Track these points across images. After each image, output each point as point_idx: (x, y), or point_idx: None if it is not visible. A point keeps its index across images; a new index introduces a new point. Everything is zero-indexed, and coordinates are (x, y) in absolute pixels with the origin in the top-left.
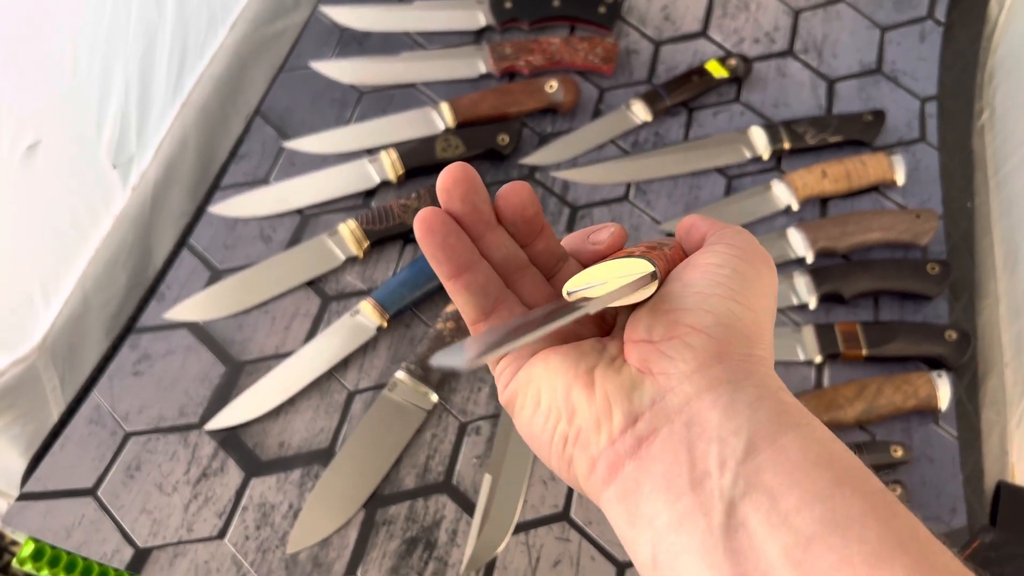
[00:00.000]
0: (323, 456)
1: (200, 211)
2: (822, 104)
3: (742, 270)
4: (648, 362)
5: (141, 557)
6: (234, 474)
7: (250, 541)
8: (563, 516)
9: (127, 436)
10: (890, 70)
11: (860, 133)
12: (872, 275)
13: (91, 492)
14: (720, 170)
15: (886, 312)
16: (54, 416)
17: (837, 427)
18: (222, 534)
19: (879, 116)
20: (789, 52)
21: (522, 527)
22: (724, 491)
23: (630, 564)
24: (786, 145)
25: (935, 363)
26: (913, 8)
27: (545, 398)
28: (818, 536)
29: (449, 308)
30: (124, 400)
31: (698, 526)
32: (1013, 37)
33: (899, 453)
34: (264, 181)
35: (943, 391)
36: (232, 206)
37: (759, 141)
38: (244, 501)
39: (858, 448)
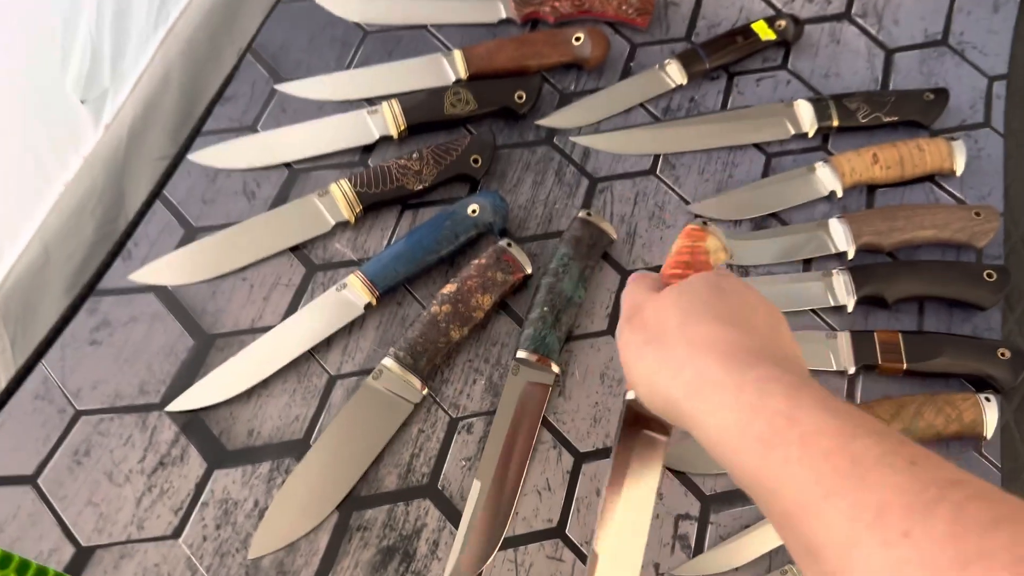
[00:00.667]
0: (296, 448)
1: (179, 158)
2: (877, 77)
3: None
4: None
5: (82, 557)
6: (195, 464)
7: (208, 543)
8: (557, 532)
9: (77, 415)
10: (957, 42)
11: (918, 113)
12: (921, 278)
13: (31, 480)
14: (759, 146)
15: (931, 321)
16: (0, 382)
17: None
18: (177, 533)
19: (941, 95)
20: (846, 15)
21: (511, 542)
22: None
23: None
24: (835, 122)
25: (982, 383)
26: None
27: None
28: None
29: (446, 289)
30: (77, 373)
31: None
32: None
33: None
34: (252, 128)
35: (990, 417)
36: (214, 155)
37: (805, 116)
38: (204, 496)
39: None
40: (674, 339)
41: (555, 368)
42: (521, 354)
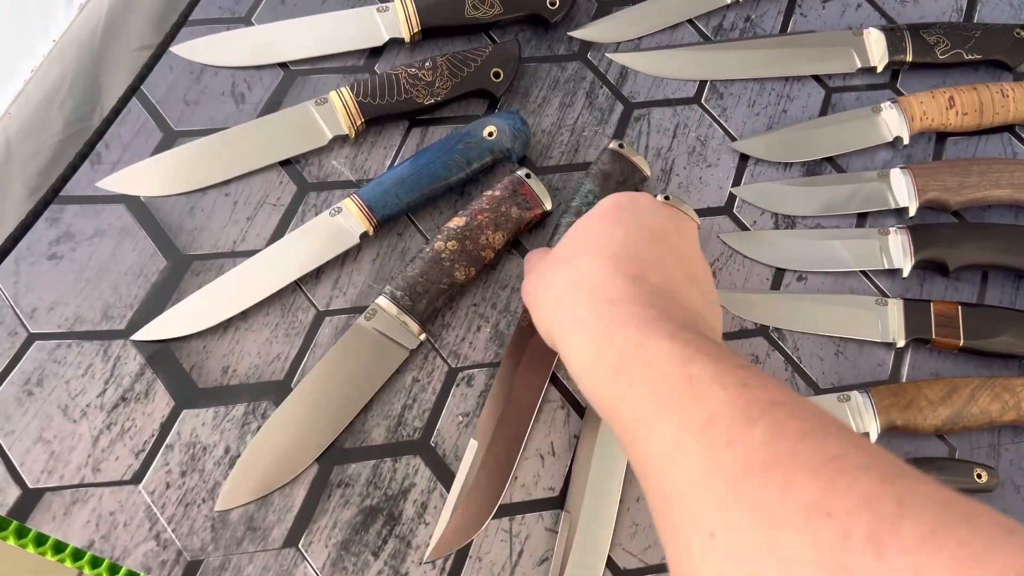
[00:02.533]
0: (276, 390)
1: (161, 50)
2: (962, 7)
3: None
4: None
5: (29, 501)
6: (161, 402)
7: (171, 490)
8: (558, 503)
9: (31, 338)
10: None
11: (1006, 53)
12: (988, 244)
13: None
14: (820, 79)
15: (994, 293)
16: None
17: (912, 432)
18: (137, 479)
19: None
20: None
21: (506, 510)
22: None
23: (632, 571)
24: (908, 57)
25: None
26: None
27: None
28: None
29: (453, 223)
30: (32, 291)
31: None
32: None
33: (983, 479)
34: (245, 20)
35: None
36: (201, 48)
37: (875, 47)
38: (170, 438)
39: (923, 464)
40: (558, 275)
41: None
42: None
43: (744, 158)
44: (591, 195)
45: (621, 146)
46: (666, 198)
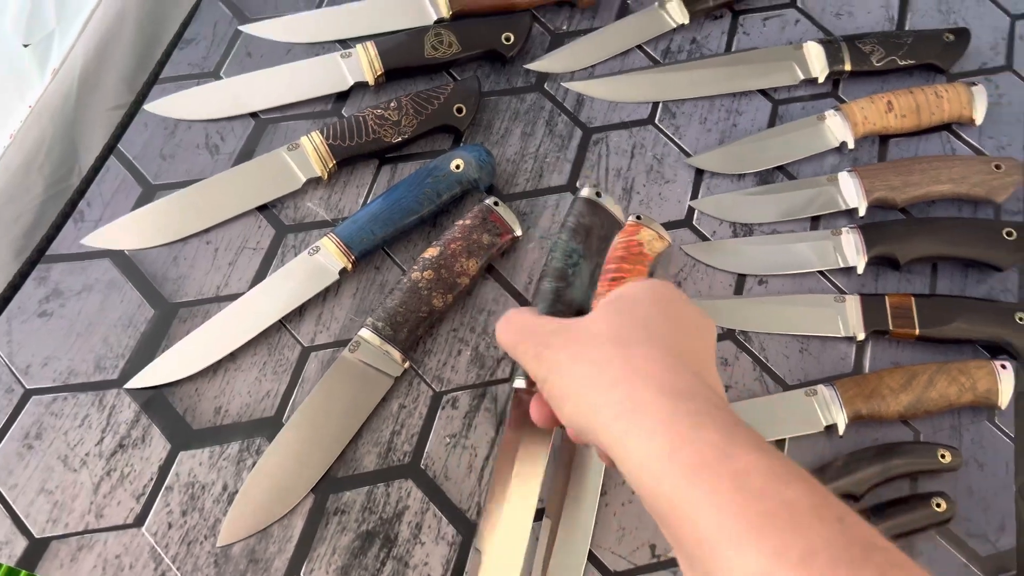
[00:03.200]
0: (268, 427)
1: (135, 108)
2: (893, 17)
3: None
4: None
5: (36, 550)
6: (158, 446)
7: (173, 530)
8: (541, 514)
9: (27, 394)
10: None
11: (936, 56)
12: (935, 237)
13: None
14: (766, 92)
15: (945, 283)
16: None
17: (878, 420)
18: (140, 521)
19: (962, 36)
20: None
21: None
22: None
23: (622, 572)
24: (847, 66)
25: (997, 349)
26: None
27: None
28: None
29: (428, 253)
30: (26, 348)
31: None
32: None
33: (947, 459)
34: (214, 74)
35: (1006, 385)
36: (173, 104)
37: (815, 59)
38: (169, 480)
39: (889, 449)
40: (607, 357)
41: None
42: (519, 383)
43: (700, 172)
44: (575, 255)
45: (598, 194)
46: (637, 218)
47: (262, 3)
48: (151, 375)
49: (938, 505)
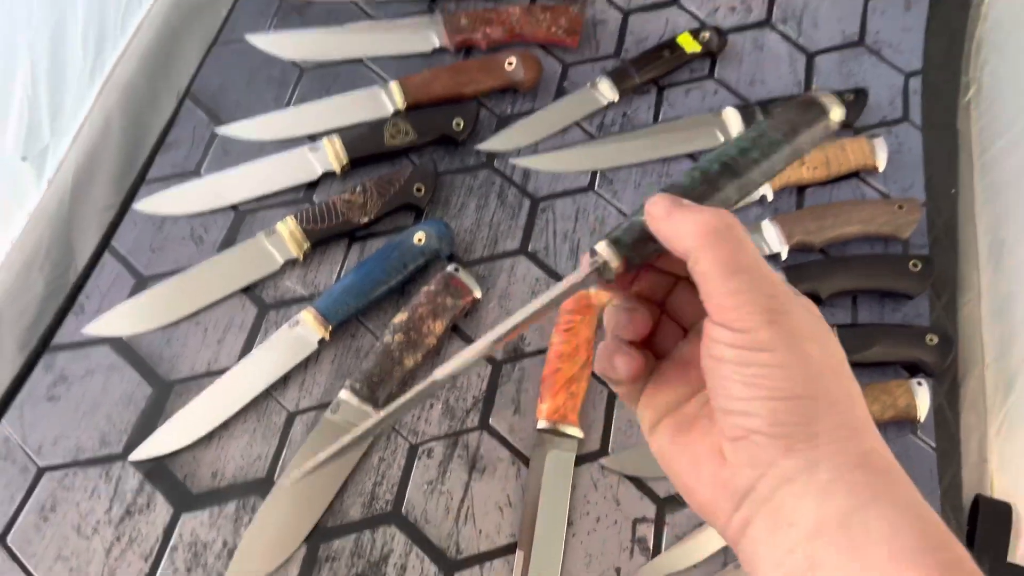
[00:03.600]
0: (261, 486)
1: (125, 208)
2: (800, 80)
3: (770, 367)
4: (734, 458)
5: None
6: (162, 510)
7: None
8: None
9: (40, 472)
10: (873, 42)
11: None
12: (852, 273)
13: None
14: (692, 156)
15: (864, 312)
16: None
17: None
18: None
19: (861, 95)
20: (766, 22)
21: (479, 558)
22: (797, 569)
23: None
24: None
25: (914, 368)
26: None
27: (671, 476)
28: None
29: (397, 319)
30: (37, 430)
31: None
32: (1005, 4)
33: None
34: (195, 173)
35: (922, 400)
36: (159, 202)
37: (733, 123)
38: (173, 540)
39: None
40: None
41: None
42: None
43: None
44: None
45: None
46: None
47: (235, 107)
48: (152, 447)
49: None
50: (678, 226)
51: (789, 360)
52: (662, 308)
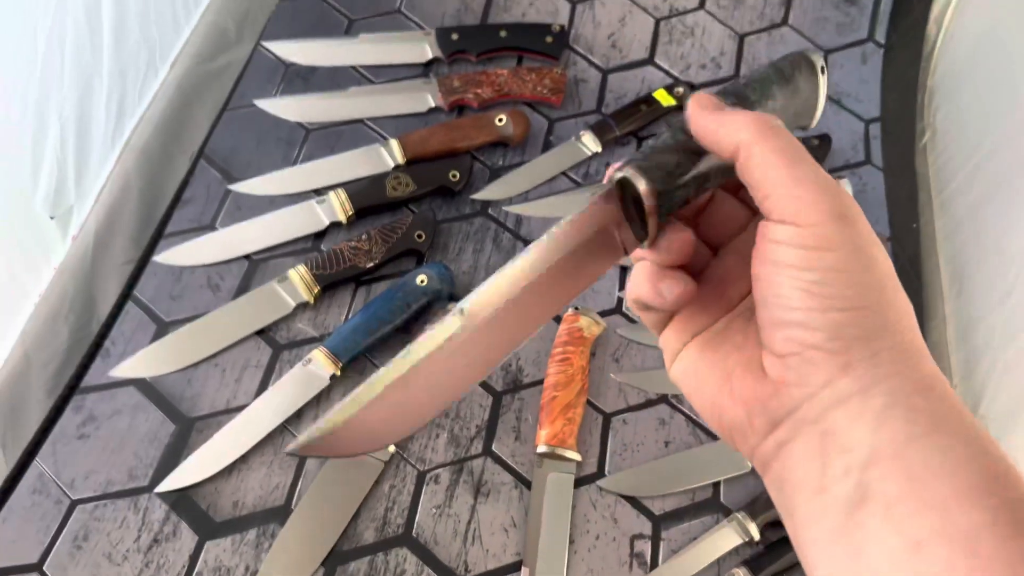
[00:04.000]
0: (279, 514)
1: (145, 260)
2: None
3: (835, 271)
4: (780, 375)
5: None
6: (187, 538)
7: None
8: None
9: (73, 504)
10: (834, 93)
11: None
12: None
13: (37, 567)
14: None
15: None
16: None
17: None
18: None
19: (825, 140)
20: (735, 77)
21: None
22: (846, 496)
23: None
24: None
25: None
26: (854, 31)
27: (697, 397)
28: (927, 543)
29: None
30: (69, 466)
31: (823, 525)
32: (952, 57)
33: None
34: (210, 227)
35: None
36: (177, 254)
37: None
38: (198, 566)
39: None
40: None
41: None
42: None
43: (624, 268)
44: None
45: (823, 69)
46: (575, 308)
47: (246, 166)
48: (176, 479)
49: None
50: (728, 120)
51: (855, 264)
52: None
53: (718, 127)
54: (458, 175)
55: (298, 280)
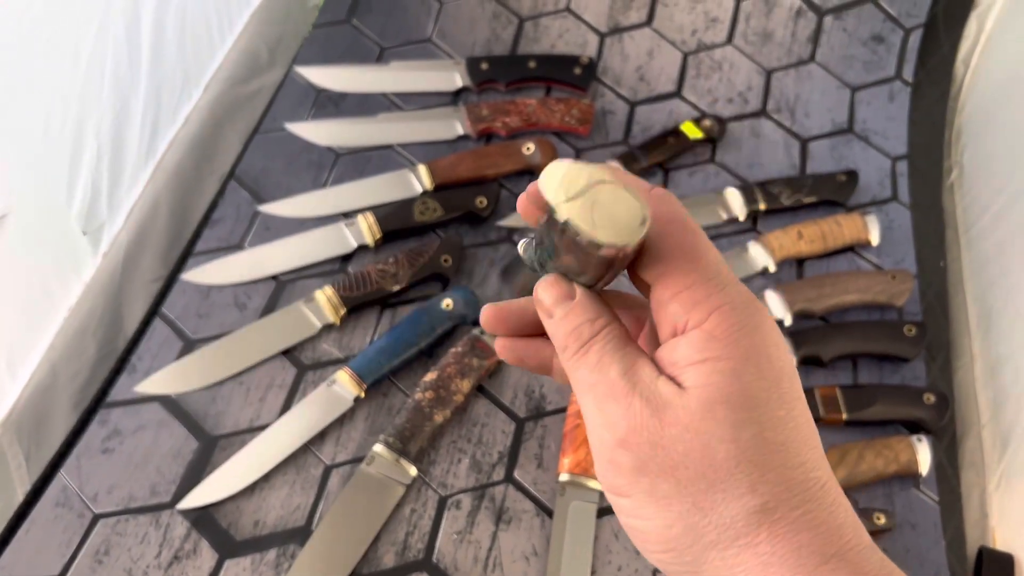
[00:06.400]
0: (299, 535)
1: (173, 278)
2: (796, 164)
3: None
4: None
5: None
6: (207, 556)
7: None
8: None
9: (96, 518)
10: (861, 129)
11: (834, 193)
12: (850, 338)
13: None
14: None
15: (865, 374)
16: (19, 496)
17: None
18: None
19: (852, 176)
20: (762, 112)
21: None
22: None
23: None
24: (762, 206)
25: (915, 426)
26: (882, 69)
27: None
28: None
29: (428, 377)
30: (93, 480)
31: None
32: (979, 96)
33: (882, 520)
34: (239, 247)
35: (923, 455)
36: (206, 273)
37: (735, 202)
38: None
39: None
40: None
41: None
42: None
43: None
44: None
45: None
46: None
47: (275, 187)
48: (198, 496)
49: None
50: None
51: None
52: None
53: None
54: (485, 201)
55: (324, 301)
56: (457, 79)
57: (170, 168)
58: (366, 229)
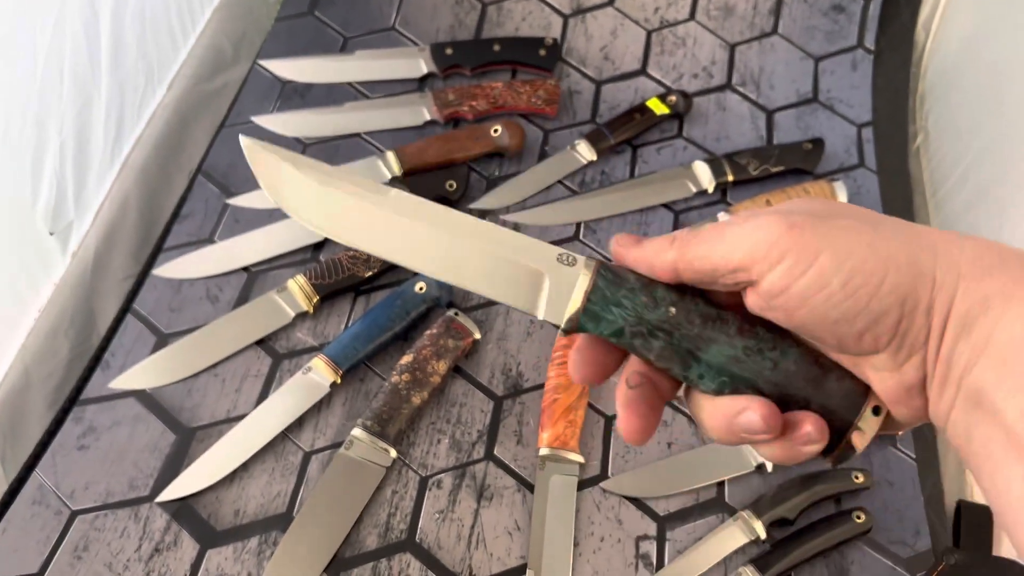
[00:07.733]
0: (281, 521)
1: (144, 274)
2: (762, 135)
3: (823, 278)
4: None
5: None
6: (188, 547)
7: None
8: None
9: (73, 515)
10: (825, 99)
11: (801, 162)
12: None
13: None
14: (667, 205)
15: None
16: None
17: None
18: None
19: (818, 144)
20: (727, 86)
21: None
22: None
23: None
24: (730, 177)
25: None
26: (843, 38)
27: None
28: None
29: (404, 360)
30: (69, 477)
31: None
32: (941, 62)
33: (860, 479)
34: (209, 240)
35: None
36: (177, 267)
37: (703, 175)
38: (200, 575)
39: (812, 478)
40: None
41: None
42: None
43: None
44: None
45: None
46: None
47: (244, 180)
48: (177, 488)
49: (858, 517)
50: (650, 248)
51: (843, 252)
52: None
53: (647, 257)
54: (455, 185)
55: (297, 290)
56: (422, 66)
57: (137, 166)
58: None
